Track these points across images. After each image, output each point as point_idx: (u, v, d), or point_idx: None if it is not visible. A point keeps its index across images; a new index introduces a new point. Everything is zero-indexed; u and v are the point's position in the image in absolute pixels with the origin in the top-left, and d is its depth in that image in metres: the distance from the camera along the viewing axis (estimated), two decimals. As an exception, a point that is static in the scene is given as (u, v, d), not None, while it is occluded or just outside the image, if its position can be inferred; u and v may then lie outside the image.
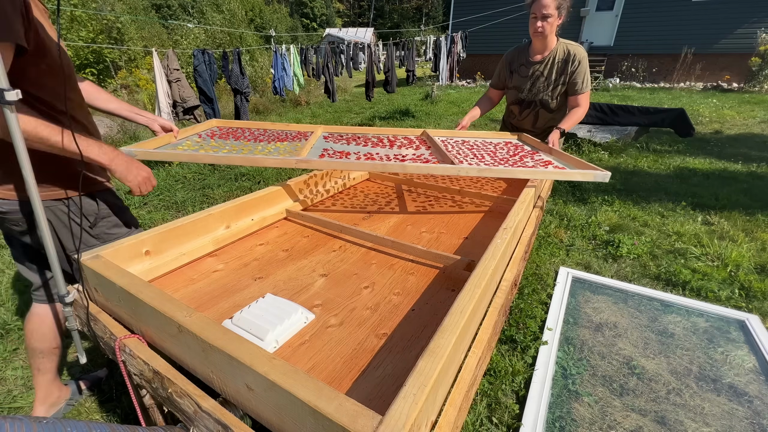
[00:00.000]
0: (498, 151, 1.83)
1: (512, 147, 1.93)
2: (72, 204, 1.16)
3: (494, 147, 1.91)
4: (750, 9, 9.18)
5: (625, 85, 10.46)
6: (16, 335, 1.83)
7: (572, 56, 1.95)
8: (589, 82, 2.01)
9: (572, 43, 1.98)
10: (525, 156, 1.76)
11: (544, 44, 1.98)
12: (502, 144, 1.98)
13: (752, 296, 2.09)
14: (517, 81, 2.12)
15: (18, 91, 0.83)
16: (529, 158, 1.72)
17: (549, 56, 1.99)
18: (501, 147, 1.92)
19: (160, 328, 0.88)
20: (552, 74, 2.01)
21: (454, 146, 1.87)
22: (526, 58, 2.07)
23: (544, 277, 2.26)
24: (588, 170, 1.50)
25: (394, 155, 1.66)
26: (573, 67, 1.96)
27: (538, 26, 1.89)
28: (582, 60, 1.95)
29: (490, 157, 1.70)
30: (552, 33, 1.93)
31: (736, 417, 1.40)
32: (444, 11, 24.70)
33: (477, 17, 10.51)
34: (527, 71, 2.07)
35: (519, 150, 1.87)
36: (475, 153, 1.77)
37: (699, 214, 3.02)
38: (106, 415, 1.45)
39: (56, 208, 1.14)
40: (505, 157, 1.73)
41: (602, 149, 4.70)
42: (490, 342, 1.04)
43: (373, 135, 2.01)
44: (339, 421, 0.56)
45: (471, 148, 1.87)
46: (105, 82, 7.86)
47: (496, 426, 1.41)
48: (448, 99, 9.15)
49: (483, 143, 1.98)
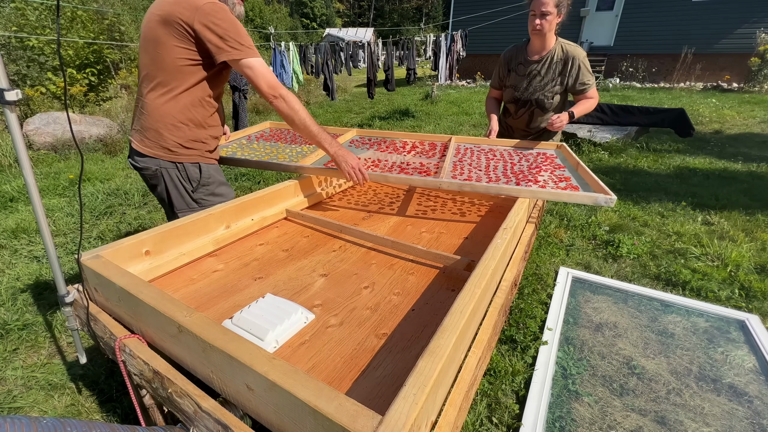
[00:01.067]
0: (519, 163, 1.77)
1: (542, 158, 1.85)
2: (182, 169, 1.43)
3: (520, 158, 1.85)
4: (750, 9, 9.18)
5: (625, 85, 10.45)
6: (16, 335, 1.83)
7: (571, 58, 1.95)
8: (593, 75, 2.01)
9: (570, 44, 1.98)
10: (545, 169, 1.67)
11: (543, 43, 1.98)
12: (534, 155, 1.90)
13: (752, 296, 2.09)
14: (514, 79, 2.12)
15: (18, 91, 0.83)
16: (547, 172, 1.64)
17: (547, 56, 1.99)
18: (527, 158, 1.85)
19: (160, 328, 0.88)
20: (549, 74, 2.01)
21: (474, 153, 1.86)
22: (524, 56, 2.06)
23: (544, 277, 2.26)
24: (591, 193, 1.37)
25: (401, 163, 1.67)
26: (575, 71, 1.96)
27: (537, 24, 1.88)
28: (582, 61, 1.95)
29: (504, 169, 1.66)
30: (551, 31, 1.92)
31: (736, 417, 1.40)
32: (444, 11, 24.70)
33: (477, 16, 10.52)
34: (525, 70, 2.07)
35: (546, 162, 1.78)
36: (489, 162, 1.75)
37: (699, 214, 3.02)
38: (106, 415, 1.45)
39: (171, 171, 1.42)
40: (522, 169, 1.67)
41: (602, 149, 4.70)
42: (490, 342, 1.04)
43: (400, 140, 2.07)
44: (339, 421, 0.56)
45: (492, 158, 1.84)
46: (105, 82, 7.85)
47: (496, 426, 1.41)
48: (448, 99, 9.14)
49: (511, 152, 1.93)
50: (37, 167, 4.44)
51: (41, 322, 1.93)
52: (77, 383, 1.58)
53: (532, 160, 1.83)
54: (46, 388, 1.57)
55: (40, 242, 2.73)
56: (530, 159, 1.84)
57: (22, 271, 2.36)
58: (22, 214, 3.21)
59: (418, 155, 1.84)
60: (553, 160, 1.82)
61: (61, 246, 2.69)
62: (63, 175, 4.17)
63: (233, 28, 1.28)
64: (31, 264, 2.46)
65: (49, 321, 1.94)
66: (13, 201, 3.46)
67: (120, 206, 3.40)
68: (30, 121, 5.08)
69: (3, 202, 3.40)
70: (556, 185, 1.49)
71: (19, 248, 2.65)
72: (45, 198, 3.55)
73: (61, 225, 3.01)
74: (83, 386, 1.57)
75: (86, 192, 3.64)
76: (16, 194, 3.55)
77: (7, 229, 2.87)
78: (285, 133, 2.20)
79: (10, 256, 2.55)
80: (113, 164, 4.64)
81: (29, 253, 2.60)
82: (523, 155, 1.91)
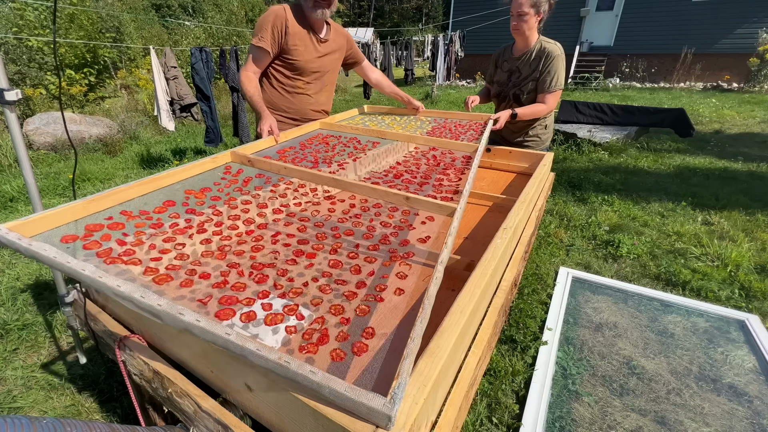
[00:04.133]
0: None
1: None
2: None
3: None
4: (750, 9, 9.17)
5: (625, 85, 10.46)
6: (16, 335, 1.83)
7: (546, 53, 1.96)
8: (561, 83, 1.99)
9: (550, 41, 1.99)
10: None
11: (525, 42, 2.02)
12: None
13: (752, 296, 2.08)
14: (499, 76, 2.19)
15: (18, 91, 0.83)
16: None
17: (527, 53, 2.03)
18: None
19: (160, 328, 0.87)
20: (526, 70, 2.04)
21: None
22: (510, 55, 2.13)
23: (544, 277, 2.26)
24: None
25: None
26: (544, 65, 1.96)
27: (514, 24, 1.95)
28: (555, 58, 1.93)
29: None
30: (531, 30, 1.95)
31: (736, 417, 1.40)
32: (444, 11, 24.69)
33: (477, 17, 10.51)
34: (508, 67, 2.13)
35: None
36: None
37: (699, 214, 3.02)
38: (106, 415, 1.45)
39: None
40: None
41: (602, 149, 4.70)
42: (490, 342, 1.04)
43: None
44: (339, 421, 0.56)
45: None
46: (104, 82, 7.85)
47: (496, 426, 1.41)
48: (448, 99, 9.14)
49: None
50: (37, 167, 4.44)
51: (41, 322, 1.93)
52: (77, 383, 1.58)
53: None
54: (46, 388, 1.57)
55: (40, 242, 2.72)
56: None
57: (22, 271, 2.36)
58: (22, 214, 3.21)
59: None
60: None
61: (61, 246, 2.68)
62: (63, 175, 4.17)
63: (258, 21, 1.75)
64: (31, 264, 2.46)
65: (49, 321, 1.94)
66: (13, 201, 3.46)
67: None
68: (30, 121, 5.08)
69: (3, 202, 3.40)
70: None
71: (19, 248, 2.65)
72: (45, 198, 3.55)
73: (61, 225, 3.01)
74: (83, 386, 1.57)
75: (86, 192, 3.64)
76: (16, 194, 3.55)
77: (7, 229, 2.86)
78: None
79: (10, 256, 2.55)
80: (113, 164, 4.64)
81: (29, 253, 2.60)
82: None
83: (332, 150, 1.71)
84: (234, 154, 1.46)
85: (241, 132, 4.87)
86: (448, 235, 0.92)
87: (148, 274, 0.76)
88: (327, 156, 1.62)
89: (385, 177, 1.46)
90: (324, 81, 2.00)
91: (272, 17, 1.71)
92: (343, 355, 0.68)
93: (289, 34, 1.75)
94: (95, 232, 0.84)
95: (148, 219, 0.93)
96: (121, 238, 0.83)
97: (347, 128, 2.04)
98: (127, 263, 0.76)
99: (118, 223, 0.89)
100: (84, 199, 0.90)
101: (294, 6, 1.76)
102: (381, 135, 1.91)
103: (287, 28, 1.73)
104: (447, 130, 2.04)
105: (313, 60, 1.86)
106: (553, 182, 2.44)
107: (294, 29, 1.75)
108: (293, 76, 1.88)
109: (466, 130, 2.02)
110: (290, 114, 1.98)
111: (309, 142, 1.82)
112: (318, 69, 1.91)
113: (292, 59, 1.81)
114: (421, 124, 2.21)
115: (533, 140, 2.20)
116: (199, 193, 1.12)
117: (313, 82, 1.94)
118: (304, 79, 1.90)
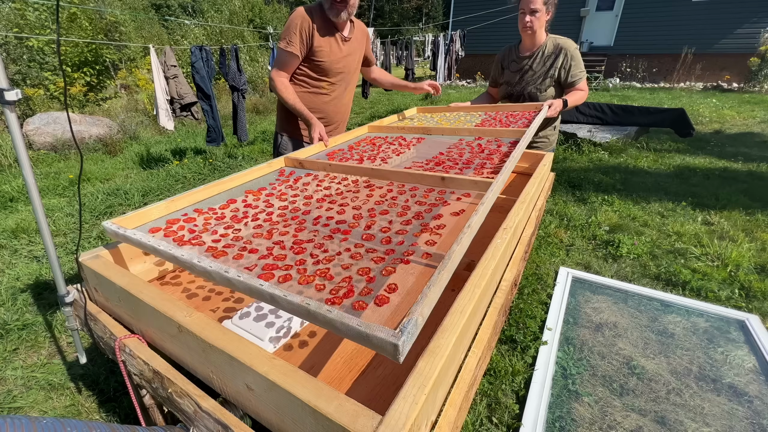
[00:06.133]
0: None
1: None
2: (279, 137, 2.04)
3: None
4: (750, 9, 9.17)
5: (625, 85, 10.45)
6: (16, 335, 1.83)
7: (562, 50, 1.97)
8: (584, 69, 2.03)
9: (561, 38, 2.01)
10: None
11: (533, 40, 2.02)
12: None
13: (752, 296, 2.08)
14: (508, 76, 2.17)
15: (18, 91, 0.83)
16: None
17: (538, 50, 2.03)
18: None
19: (160, 328, 0.88)
20: (540, 67, 2.04)
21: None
22: (517, 54, 2.12)
23: (544, 277, 2.26)
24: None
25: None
26: (567, 63, 1.97)
27: (527, 21, 1.92)
28: (574, 53, 1.97)
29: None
30: (541, 28, 1.96)
31: (736, 417, 1.40)
32: (444, 11, 24.68)
33: (477, 16, 10.51)
34: (517, 66, 2.12)
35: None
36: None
37: (699, 214, 3.02)
38: (106, 415, 1.45)
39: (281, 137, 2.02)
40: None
41: (602, 149, 4.70)
42: (490, 342, 1.04)
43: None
44: (339, 421, 0.56)
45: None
46: (104, 82, 7.85)
47: (496, 426, 1.41)
48: (449, 99, 9.14)
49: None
50: (37, 167, 4.45)
51: (41, 322, 1.93)
52: (77, 383, 1.58)
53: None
54: (46, 388, 1.57)
55: (40, 242, 2.73)
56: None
57: (22, 271, 2.36)
58: (22, 214, 3.21)
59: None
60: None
61: (60, 246, 2.69)
62: (63, 175, 4.17)
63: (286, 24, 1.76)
64: (31, 264, 2.46)
65: (49, 321, 1.94)
66: (13, 201, 3.46)
67: (120, 206, 3.40)
68: (30, 121, 5.08)
69: (3, 202, 3.40)
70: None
71: (19, 248, 2.66)
72: (45, 198, 3.55)
73: (61, 225, 3.01)
74: (83, 386, 1.57)
75: (86, 192, 3.64)
76: (16, 194, 3.56)
77: (7, 229, 2.87)
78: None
79: (10, 256, 2.55)
80: (113, 164, 4.64)
81: (29, 253, 2.60)
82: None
83: (378, 149, 1.73)
84: (287, 159, 1.61)
85: (240, 131, 4.87)
86: (480, 204, 1.01)
87: (209, 252, 0.91)
88: (372, 154, 1.65)
89: (426, 165, 1.47)
90: (348, 80, 1.98)
91: (299, 20, 1.69)
92: (365, 305, 0.73)
93: (315, 36, 1.73)
94: (173, 224, 1.06)
95: (213, 213, 1.14)
96: (192, 227, 1.05)
97: (395, 129, 2.06)
98: (194, 245, 0.94)
99: (191, 218, 1.11)
100: (166, 200, 1.14)
101: (318, 6, 1.74)
102: (426, 131, 1.93)
103: (313, 30, 1.72)
104: (497, 122, 1.98)
105: (338, 60, 1.85)
106: (553, 182, 2.44)
107: (319, 30, 1.73)
108: (319, 77, 1.87)
109: (517, 119, 1.95)
110: (316, 116, 1.93)
111: (357, 144, 1.85)
112: (342, 69, 1.90)
113: (317, 60, 1.80)
114: (471, 118, 2.17)
115: (542, 141, 2.20)
116: (256, 192, 1.30)
117: (338, 83, 1.93)
118: (329, 79, 1.89)
